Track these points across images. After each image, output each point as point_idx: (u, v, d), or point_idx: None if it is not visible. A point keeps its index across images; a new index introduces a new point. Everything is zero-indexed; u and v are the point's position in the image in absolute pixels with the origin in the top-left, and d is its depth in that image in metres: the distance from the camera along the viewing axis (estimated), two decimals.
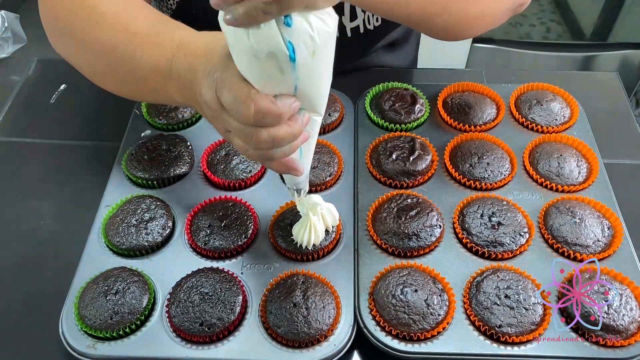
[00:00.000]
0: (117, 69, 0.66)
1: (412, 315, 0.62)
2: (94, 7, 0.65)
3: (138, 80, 0.64)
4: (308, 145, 0.56)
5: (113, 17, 0.64)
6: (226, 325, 0.61)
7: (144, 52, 0.60)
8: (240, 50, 0.45)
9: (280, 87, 0.47)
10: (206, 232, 0.69)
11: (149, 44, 0.60)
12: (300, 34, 0.43)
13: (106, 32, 0.63)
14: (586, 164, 0.78)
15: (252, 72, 0.46)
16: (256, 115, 0.47)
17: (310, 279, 0.65)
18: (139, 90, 0.68)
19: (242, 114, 0.48)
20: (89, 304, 0.63)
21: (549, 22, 1.88)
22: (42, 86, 0.95)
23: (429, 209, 0.71)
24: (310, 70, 0.46)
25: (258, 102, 0.47)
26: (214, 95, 0.50)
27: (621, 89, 0.95)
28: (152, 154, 0.78)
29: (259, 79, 0.47)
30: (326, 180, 0.75)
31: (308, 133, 0.53)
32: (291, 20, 0.42)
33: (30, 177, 0.82)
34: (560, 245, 0.68)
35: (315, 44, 0.44)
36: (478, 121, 0.83)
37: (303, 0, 0.41)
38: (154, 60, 0.59)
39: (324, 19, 0.44)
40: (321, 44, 0.44)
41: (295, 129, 0.50)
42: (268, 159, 0.53)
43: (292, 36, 0.43)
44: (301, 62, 0.45)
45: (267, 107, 0.47)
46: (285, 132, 0.49)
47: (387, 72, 0.97)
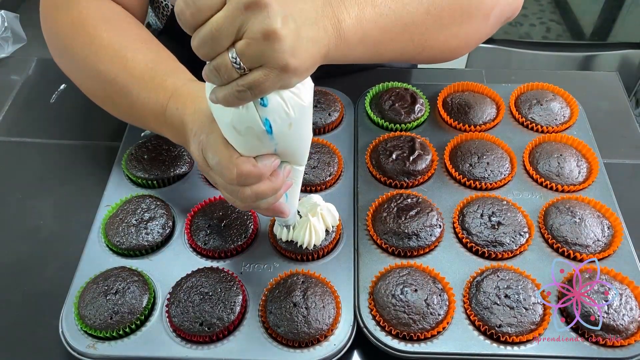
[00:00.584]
0: (115, 101, 0.69)
1: (412, 315, 0.62)
2: (94, 36, 0.67)
3: (136, 116, 0.67)
4: (292, 190, 0.59)
5: (112, 52, 0.66)
6: (226, 325, 0.61)
7: (141, 94, 0.64)
8: (222, 122, 0.50)
9: (260, 150, 0.51)
10: (206, 232, 0.69)
11: (145, 87, 0.64)
12: (275, 111, 0.47)
13: (105, 65, 0.66)
14: (586, 164, 0.78)
15: (234, 140, 0.50)
16: (238, 178, 0.51)
17: (310, 279, 0.65)
18: (137, 123, 0.71)
19: (227, 177, 0.52)
20: (89, 303, 0.63)
21: (549, 21, 1.88)
22: (42, 86, 0.95)
23: (428, 209, 0.71)
24: (287, 138, 0.50)
25: (240, 167, 0.51)
26: (200, 155, 0.55)
27: (621, 89, 0.95)
28: (152, 153, 0.78)
29: (240, 146, 0.51)
30: (326, 180, 0.75)
31: (291, 182, 0.57)
32: (267, 101, 0.46)
33: (30, 177, 0.82)
34: (560, 245, 0.68)
35: (290, 117, 0.48)
36: (478, 121, 0.83)
37: (274, 85, 0.45)
38: (149, 104, 0.63)
39: (299, 93, 0.48)
40: (297, 117, 0.48)
41: (276, 183, 0.54)
42: (255, 208, 0.57)
43: (268, 114, 0.47)
44: (278, 133, 0.49)
45: (249, 170, 0.51)
46: (267, 187, 0.53)
47: (387, 72, 0.97)
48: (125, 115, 0.71)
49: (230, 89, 0.45)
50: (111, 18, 0.70)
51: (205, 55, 0.44)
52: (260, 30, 0.42)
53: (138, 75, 0.64)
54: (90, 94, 0.73)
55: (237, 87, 0.44)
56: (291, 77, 0.45)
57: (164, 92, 0.62)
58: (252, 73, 0.44)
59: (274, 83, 0.44)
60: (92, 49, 0.67)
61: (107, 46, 0.66)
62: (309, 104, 0.49)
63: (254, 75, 0.44)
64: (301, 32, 0.45)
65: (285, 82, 0.45)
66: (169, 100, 0.61)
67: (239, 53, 0.43)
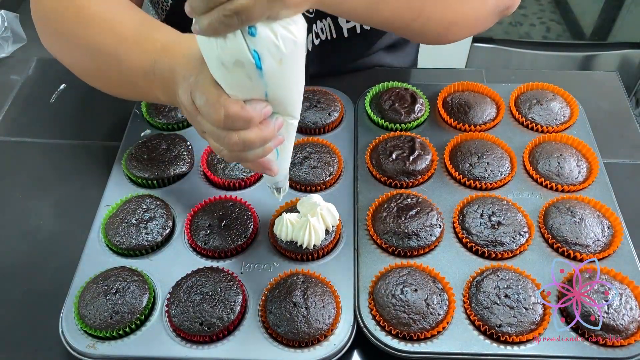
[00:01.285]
0: (105, 69, 0.67)
1: (412, 314, 0.62)
2: (82, 7, 0.67)
3: (125, 81, 0.66)
4: (284, 147, 0.57)
5: (100, 19, 0.65)
6: (226, 324, 0.61)
7: (130, 54, 0.62)
8: (210, 58, 0.47)
9: (250, 93, 0.49)
10: (206, 231, 0.69)
11: (134, 46, 0.62)
12: (265, 43, 0.45)
13: (93, 32, 0.65)
14: (586, 164, 0.78)
15: (222, 78, 0.48)
16: (226, 119, 0.49)
17: (310, 279, 0.65)
18: (126, 89, 0.69)
19: (213, 118, 0.50)
20: (89, 303, 0.63)
21: (549, 21, 1.88)
22: (42, 86, 0.95)
23: (428, 209, 0.71)
24: (278, 78, 0.48)
25: (228, 107, 0.48)
26: (188, 97, 0.52)
27: (621, 89, 0.95)
28: (152, 153, 0.78)
29: (229, 85, 0.48)
30: (326, 180, 0.75)
31: (282, 137, 0.55)
32: (255, 30, 0.44)
33: (30, 177, 0.82)
34: (560, 245, 0.68)
35: (281, 52, 0.46)
36: (478, 121, 0.83)
37: (263, 12, 0.43)
38: (139, 62, 0.61)
39: (290, 27, 0.46)
40: (287, 53, 0.46)
41: (266, 133, 0.51)
42: (242, 160, 0.55)
43: (257, 45, 0.45)
44: (268, 70, 0.46)
45: (236, 112, 0.49)
46: (256, 136, 0.51)
47: (387, 72, 0.97)
48: (116, 83, 0.69)
49: (216, 14, 0.43)
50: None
51: None
52: None
53: (126, 37, 0.63)
54: (80, 69, 0.72)
55: (224, 11, 0.42)
56: (281, 7, 0.44)
57: (153, 47, 0.60)
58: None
59: (262, 9, 0.42)
60: (80, 21, 0.66)
61: (93, 15, 0.66)
62: (301, 40, 0.47)
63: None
64: None
65: (274, 12, 0.44)
66: (159, 54, 0.59)
67: None
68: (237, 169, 0.76)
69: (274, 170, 0.58)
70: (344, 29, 0.87)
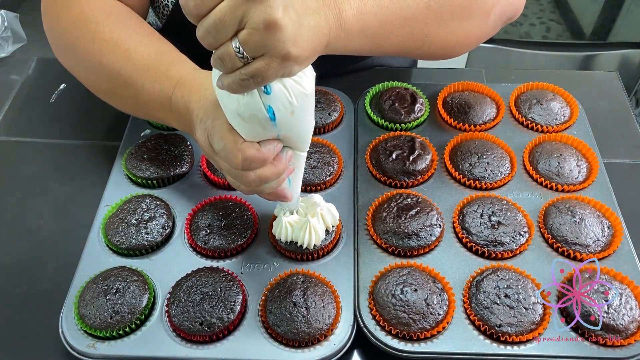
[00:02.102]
0: (120, 93, 0.69)
1: (412, 314, 0.62)
2: (97, 31, 0.68)
3: (141, 106, 0.68)
4: (295, 175, 0.60)
5: (115, 45, 0.67)
6: (226, 324, 0.61)
7: (145, 84, 0.65)
8: (227, 109, 0.51)
9: (264, 136, 0.52)
10: (206, 231, 0.69)
11: (149, 77, 0.64)
12: (278, 99, 0.48)
13: (109, 58, 0.67)
14: (586, 164, 0.78)
15: (238, 127, 0.52)
16: (243, 162, 0.53)
17: (310, 279, 0.65)
18: (142, 114, 0.72)
19: (232, 162, 0.53)
20: (89, 303, 0.63)
21: (548, 21, 1.88)
22: (41, 85, 0.95)
23: (428, 209, 0.71)
24: (290, 125, 0.51)
25: (245, 152, 0.52)
26: (206, 140, 0.56)
27: (621, 89, 0.95)
28: (152, 153, 0.78)
29: (244, 131, 0.52)
30: (326, 180, 0.75)
31: (293, 166, 0.58)
32: (270, 89, 0.48)
33: (30, 177, 0.82)
34: (560, 245, 0.68)
35: (293, 105, 0.49)
36: (478, 121, 0.83)
37: (276, 74, 0.46)
38: (154, 93, 0.64)
39: (301, 81, 0.49)
40: (299, 105, 0.50)
41: (279, 168, 0.55)
42: (258, 192, 0.59)
43: (272, 101, 0.48)
44: (281, 120, 0.50)
45: (253, 155, 0.52)
46: (271, 172, 0.55)
47: (387, 72, 0.97)
48: (131, 107, 0.72)
49: (234, 77, 0.46)
50: (112, 13, 0.70)
51: (210, 44, 0.45)
52: (262, 20, 0.42)
53: (142, 66, 0.65)
54: (95, 88, 0.73)
55: (241, 75, 0.45)
56: (293, 66, 0.46)
57: (168, 81, 0.63)
58: (255, 62, 0.45)
59: (276, 71, 0.45)
60: (95, 43, 0.67)
61: (109, 40, 0.67)
62: (310, 92, 0.50)
63: (256, 64, 0.45)
64: (302, 21, 0.46)
65: (287, 71, 0.46)
66: (174, 88, 0.62)
67: (241, 42, 0.44)
68: None
69: (288, 197, 0.61)
70: None
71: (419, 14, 0.63)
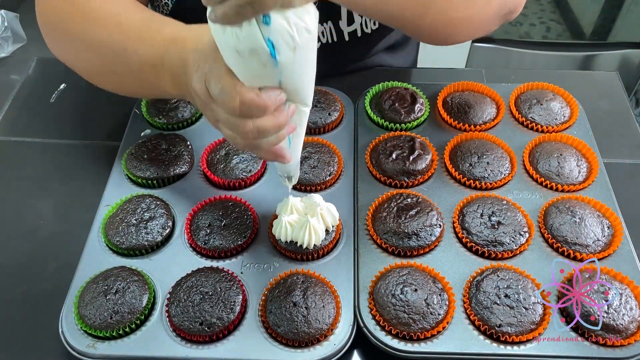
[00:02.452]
0: (112, 65, 0.67)
1: (412, 314, 0.62)
2: (87, 6, 0.67)
3: (133, 75, 0.66)
4: (297, 134, 0.57)
5: (106, 15, 0.65)
6: (226, 324, 0.61)
7: (137, 48, 0.62)
8: (225, 47, 0.48)
9: (264, 81, 0.49)
10: (206, 231, 0.69)
11: (142, 40, 0.62)
12: (279, 32, 0.45)
13: (100, 30, 0.65)
14: (586, 164, 0.78)
15: (237, 67, 0.49)
16: (241, 106, 0.49)
17: (310, 279, 0.65)
18: (134, 85, 0.69)
19: (229, 106, 0.50)
20: (89, 303, 0.63)
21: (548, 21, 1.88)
22: (41, 85, 0.95)
23: (428, 209, 0.71)
24: (292, 66, 0.48)
25: (243, 95, 0.49)
26: (203, 86, 0.53)
27: (621, 89, 0.95)
28: (152, 153, 0.78)
29: (243, 73, 0.49)
30: (326, 180, 0.75)
31: (295, 124, 0.55)
32: (269, 19, 0.45)
33: (29, 177, 0.82)
34: (560, 245, 0.68)
35: (295, 41, 0.46)
36: (478, 121, 0.83)
37: (275, 1, 0.43)
38: (147, 55, 0.61)
39: (303, 17, 0.46)
40: (301, 42, 0.47)
41: (280, 120, 0.52)
42: (256, 147, 0.55)
43: (272, 34, 0.45)
44: (282, 58, 0.47)
45: (252, 99, 0.49)
46: (270, 123, 0.51)
47: (387, 72, 0.97)
48: (124, 80, 0.69)
49: (230, 3, 0.43)
50: None
51: None
52: None
53: (133, 31, 0.63)
54: (88, 69, 0.72)
55: (238, 0, 0.43)
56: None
57: (162, 38, 0.61)
58: None
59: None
60: (86, 19, 0.67)
61: (99, 14, 0.66)
62: (314, 30, 0.48)
63: None
64: None
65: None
66: (168, 45, 0.60)
67: None
68: (237, 169, 0.76)
69: (287, 157, 0.57)
70: (345, 32, 0.87)
71: None
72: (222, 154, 0.78)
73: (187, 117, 0.83)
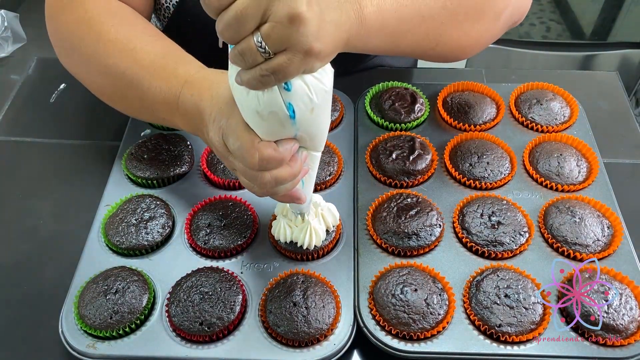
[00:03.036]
0: (125, 95, 0.68)
1: (412, 314, 0.62)
2: (102, 31, 0.67)
3: (146, 108, 0.67)
4: (309, 176, 0.59)
5: (121, 45, 0.66)
6: (226, 324, 0.61)
7: (152, 84, 0.63)
8: (245, 107, 0.49)
9: (281, 135, 0.51)
10: (206, 231, 0.69)
11: (156, 77, 0.63)
12: (299, 95, 0.47)
13: (114, 59, 0.66)
14: (586, 164, 0.78)
15: (255, 125, 0.50)
16: (260, 162, 0.51)
17: (310, 279, 0.65)
18: (146, 115, 0.71)
19: (248, 162, 0.52)
20: (89, 303, 0.63)
21: (548, 21, 1.88)
22: (41, 85, 0.95)
23: (428, 209, 0.71)
24: (308, 123, 0.50)
25: (262, 151, 0.50)
26: (220, 140, 0.54)
27: (621, 89, 0.95)
28: (152, 153, 0.78)
29: (261, 130, 0.50)
30: (326, 180, 0.75)
31: (308, 167, 0.57)
32: (290, 85, 0.46)
33: (29, 177, 0.82)
34: (560, 245, 0.68)
35: (313, 102, 0.48)
36: (478, 120, 0.83)
37: (298, 70, 0.45)
38: (161, 93, 0.63)
39: (321, 78, 0.48)
40: (319, 102, 0.49)
41: (295, 169, 0.54)
42: (272, 194, 0.57)
43: (292, 98, 0.47)
44: (300, 118, 0.49)
45: (270, 155, 0.51)
46: (286, 173, 0.53)
47: (387, 72, 0.97)
48: (136, 108, 0.70)
49: (254, 73, 0.44)
50: (117, 13, 0.70)
51: (230, 38, 0.43)
52: (286, 13, 0.41)
53: (148, 66, 0.64)
54: (100, 91, 0.73)
55: (262, 71, 0.44)
56: (315, 61, 0.45)
57: (176, 80, 0.62)
58: (277, 57, 0.43)
59: (298, 67, 0.44)
60: (100, 44, 0.67)
61: (114, 40, 0.66)
62: (330, 88, 0.49)
63: (278, 59, 0.43)
64: (325, 16, 0.45)
65: (309, 66, 0.45)
66: (182, 87, 0.61)
67: (264, 36, 0.42)
68: None
69: (302, 198, 0.60)
70: None
71: (435, 13, 0.63)
72: None
73: None
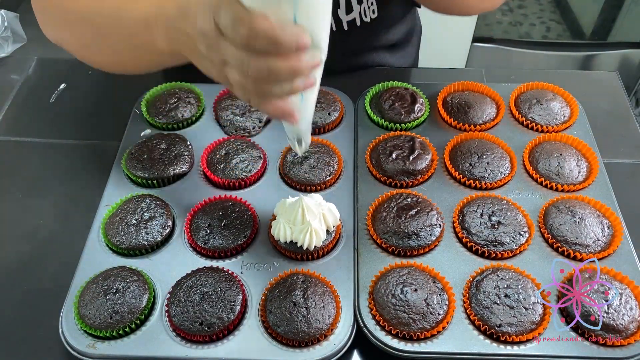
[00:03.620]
0: (103, 33, 0.67)
1: (412, 314, 0.62)
2: None
3: (124, 39, 0.65)
4: (309, 94, 0.52)
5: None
6: (226, 324, 0.61)
7: (130, 8, 0.62)
8: None
9: (277, 14, 0.44)
10: (206, 231, 0.69)
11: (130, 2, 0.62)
12: None
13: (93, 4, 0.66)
14: (586, 164, 0.78)
15: None
16: (250, 32, 0.44)
17: (310, 279, 0.65)
18: (125, 50, 0.68)
19: (240, 33, 0.45)
20: (89, 303, 0.63)
21: (548, 21, 1.88)
22: (41, 85, 0.95)
23: (428, 209, 0.71)
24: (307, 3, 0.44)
25: (253, 19, 0.44)
26: (211, 22, 0.48)
27: (621, 89, 0.95)
28: (152, 153, 0.78)
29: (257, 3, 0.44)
30: (326, 180, 0.75)
31: (313, 79, 0.50)
32: None
33: (29, 177, 0.82)
34: (560, 245, 0.68)
35: None
36: (478, 120, 0.83)
37: None
38: (140, 13, 0.60)
39: None
40: None
41: (294, 63, 0.46)
42: (266, 95, 0.49)
43: None
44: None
45: (261, 24, 0.44)
46: (283, 65, 0.46)
47: (387, 72, 0.97)
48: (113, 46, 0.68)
49: None
50: None
51: None
52: None
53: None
54: (78, 41, 0.72)
55: None
56: None
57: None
58: None
59: None
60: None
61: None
62: None
63: None
64: None
65: None
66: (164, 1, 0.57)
67: None
68: (237, 169, 0.76)
69: (296, 116, 0.51)
70: (344, 21, 0.87)
71: None
72: (222, 154, 0.78)
73: (187, 117, 0.83)
